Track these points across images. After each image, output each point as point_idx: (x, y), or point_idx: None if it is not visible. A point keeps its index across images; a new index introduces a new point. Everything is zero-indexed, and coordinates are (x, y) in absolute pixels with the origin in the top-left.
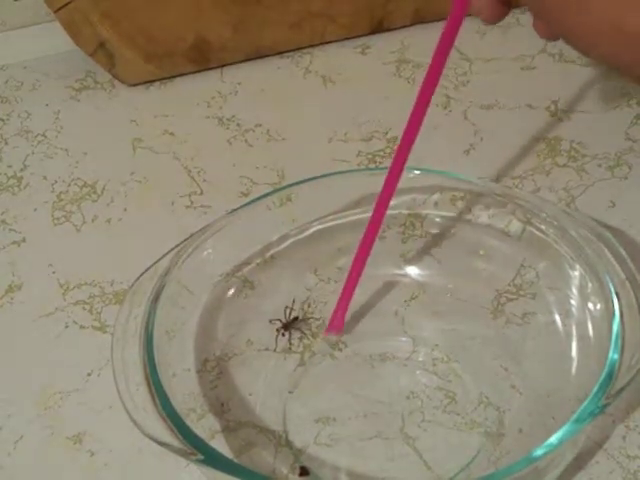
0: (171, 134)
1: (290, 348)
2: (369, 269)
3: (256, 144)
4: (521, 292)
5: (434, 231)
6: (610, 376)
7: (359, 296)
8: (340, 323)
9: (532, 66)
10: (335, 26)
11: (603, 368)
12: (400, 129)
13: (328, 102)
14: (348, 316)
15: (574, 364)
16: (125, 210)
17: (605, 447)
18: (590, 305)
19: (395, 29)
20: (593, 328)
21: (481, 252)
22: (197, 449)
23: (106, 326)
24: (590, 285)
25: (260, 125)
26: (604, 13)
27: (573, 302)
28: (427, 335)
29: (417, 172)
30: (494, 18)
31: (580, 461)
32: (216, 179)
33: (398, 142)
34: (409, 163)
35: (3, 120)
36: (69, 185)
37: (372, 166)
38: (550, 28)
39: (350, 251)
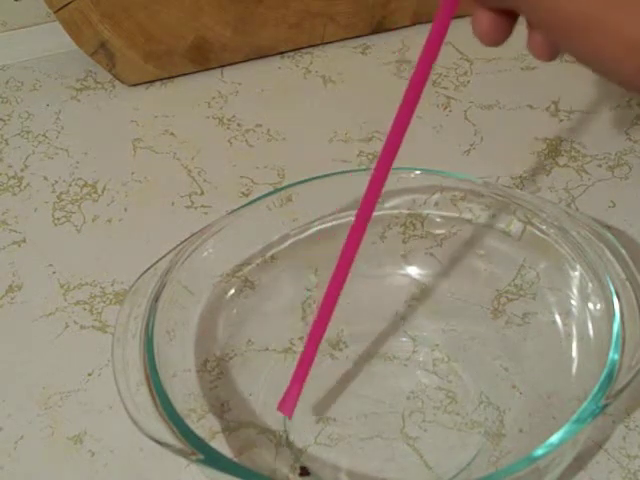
0: (171, 134)
1: (291, 348)
2: (369, 269)
3: (256, 144)
4: (521, 292)
5: (435, 231)
6: (610, 376)
7: (360, 296)
8: (291, 405)
9: (532, 66)
10: (335, 26)
11: (603, 368)
12: None
13: (328, 102)
14: (349, 316)
15: (574, 364)
16: (125, 210)
17: (605, 447)
18: (590, 305)
19: (395, 29)
20: (593, 328)
21: (481, 252)
22: (197, 449)
23: (106, 326)
24: (590, 285)
25: (260, 125)
26: (630, 29)
27: (573, 302)
28: (427, 335)
29: (417, 172)
30: (496, 42)
31: (580, 461)
32: (216, 179)
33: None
34: (410, 164)
35: (4, 120)
36: (70, 185)
37: (372, 166)
38: (556, 45)
39: None
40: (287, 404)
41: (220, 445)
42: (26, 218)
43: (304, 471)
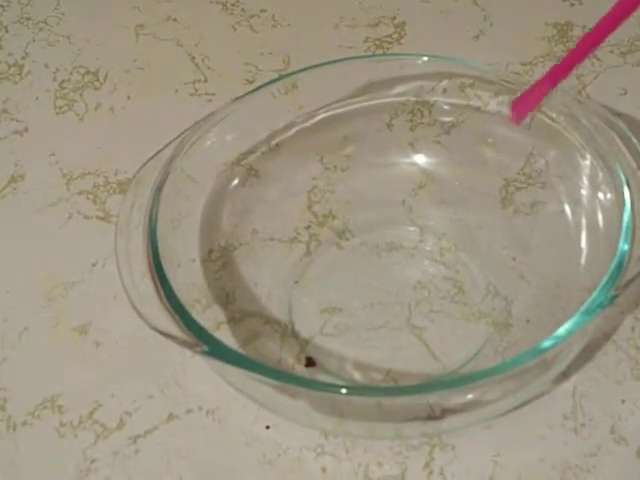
0: (174, 20)
1: (296, 237)
2: (376, 157)
3: (261, 30)
4: (530, 181)
5: (442, 119)
6: (620, 267)
7: (366, 185)
8: (525, 108)
9: None
10: None
11: (613, 259)
12: (407, 14)
13: None
14: (355, 205)
15: (583, 254)
16: (128, 98)
17: (613, 338)
18: (600, 195)
19: None
20: (603, 218)
21: (490, 140)
22: (201, 341)
23: (110, 216)
24: (600, 174)
25: (265, 10)
26: None
27: (583, 191)
28: (435, 224)
29: (425, 58)
30: None
31: (588, 352)
32: (220, 66)
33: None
34: (417, 49)
35: (3, 7)
36: (71, 73)
37: (379, 52)
38: None
39: (357, 139)
40: (521, 106)
41: (225, 336)
42: (27, 107)
43: (310, 362)
